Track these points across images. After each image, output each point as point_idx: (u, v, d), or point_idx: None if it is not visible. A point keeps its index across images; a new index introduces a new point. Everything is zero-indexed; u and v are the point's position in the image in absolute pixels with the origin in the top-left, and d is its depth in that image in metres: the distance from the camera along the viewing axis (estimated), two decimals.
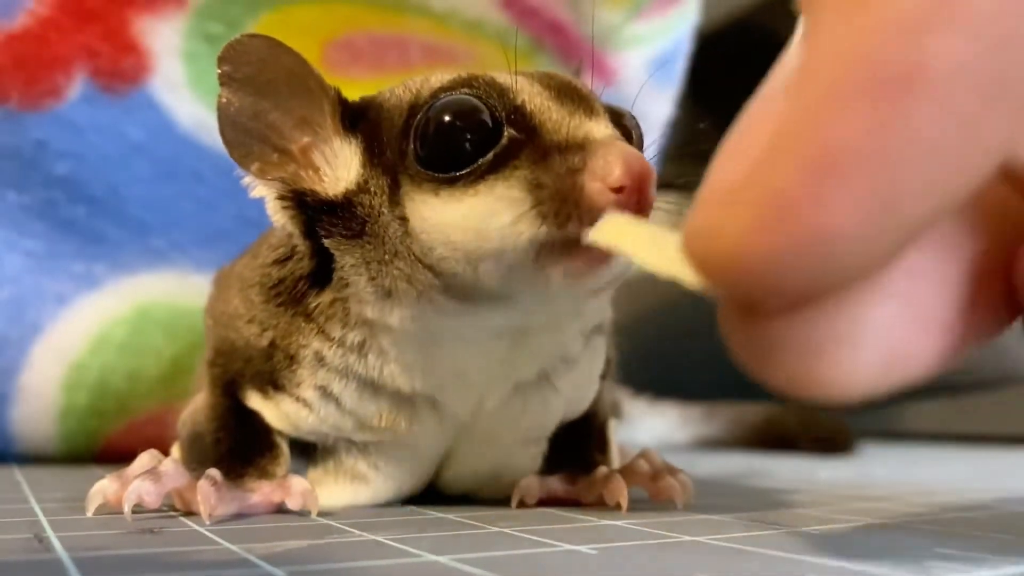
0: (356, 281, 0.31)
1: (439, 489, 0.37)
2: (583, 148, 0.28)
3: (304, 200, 0.32)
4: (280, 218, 0.33)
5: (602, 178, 0.27)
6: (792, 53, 0.20)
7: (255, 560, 0.23)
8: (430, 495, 0.37)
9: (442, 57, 0.56)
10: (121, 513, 0.29)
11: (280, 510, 0.32)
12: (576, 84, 0.31)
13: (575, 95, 0.30)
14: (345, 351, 0.32)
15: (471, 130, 0.29)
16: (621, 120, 0.32)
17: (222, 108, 0.31)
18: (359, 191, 0.31)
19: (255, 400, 0.35)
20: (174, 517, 0.31)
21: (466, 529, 0.29)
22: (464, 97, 0.30)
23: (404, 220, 0.30)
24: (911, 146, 0.16)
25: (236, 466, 0.33)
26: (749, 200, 0.18)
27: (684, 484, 0.34)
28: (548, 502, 0.35)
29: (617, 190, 0.26)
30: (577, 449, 0.37)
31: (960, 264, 0.20)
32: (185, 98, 0.54)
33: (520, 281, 0.29)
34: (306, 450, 0.35)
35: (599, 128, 0.29)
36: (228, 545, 0.25)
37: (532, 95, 0.30)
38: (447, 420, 0.34)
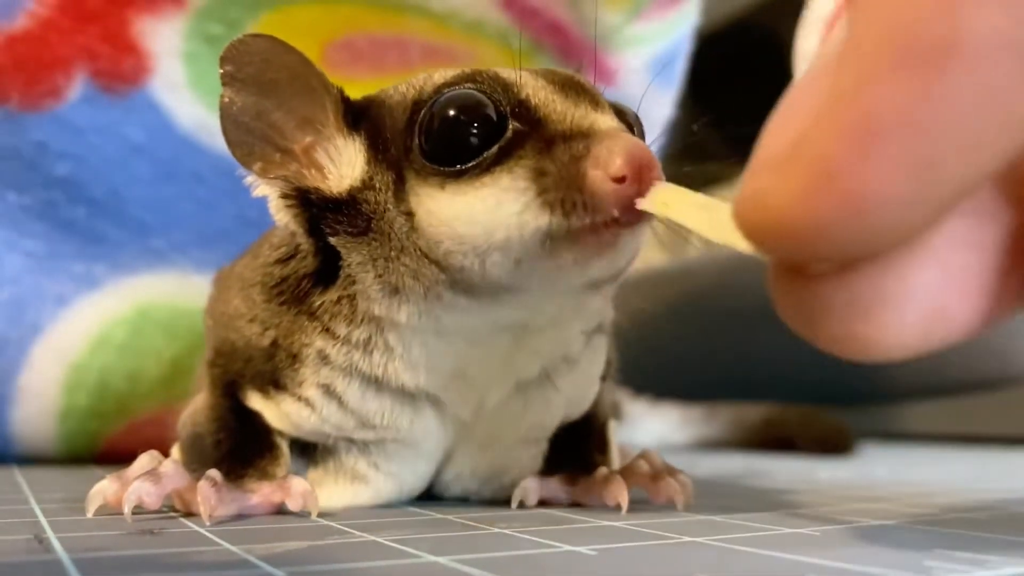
0: (363, 278, 0.31)
1: (439, 490, 0.37)
2: (587, 137, 0.28)
3: (308, 198, 0.32)
4: (283, 217, 0.33)
5: (605, 166, 0.27)
6: (837, 30, 0.20)
7: (255, 561, 0.23)
8: (430, 496, 0.37)
9: (442, 57, 0.56)
10: (121, 514, 0.29)
11: (280, 511, 0.32)
12: (579, 79, 0.32)
13: (579, 89, 0.31)
14: (350, 349, 0.32)
15: (476, 124, 0.29)
16: (623, 117, 0.32)
17: (224, 108, 0.31)
18: (364, 188, 0.31)
19: (256, 400, 0.35)
20: (174, 518, 0.31)
21: (466, 530, 0.29)
22: (468, 91, 0.30)
23: (410, 215, 0.30)
24: (949, 114, 0.17)
25: (236, 467, 0.33)
26: (796, 167, 0.19)
27: (684, 485, 0.34)
28: (548, 503, 0.35)
29: (620, 179, 0.26)
30: (577, 450, 0.37)
31: (999, 231, 0.21)
32: (185, 99, 0.54)
33: (527, 272, 0.29)
34: (306, 451, 0.35)
35: (603, 119, 0.29)
36: (228, 546, 0.25)
37: (536, 89, 0.30)
38: (448, 419, 0.34)
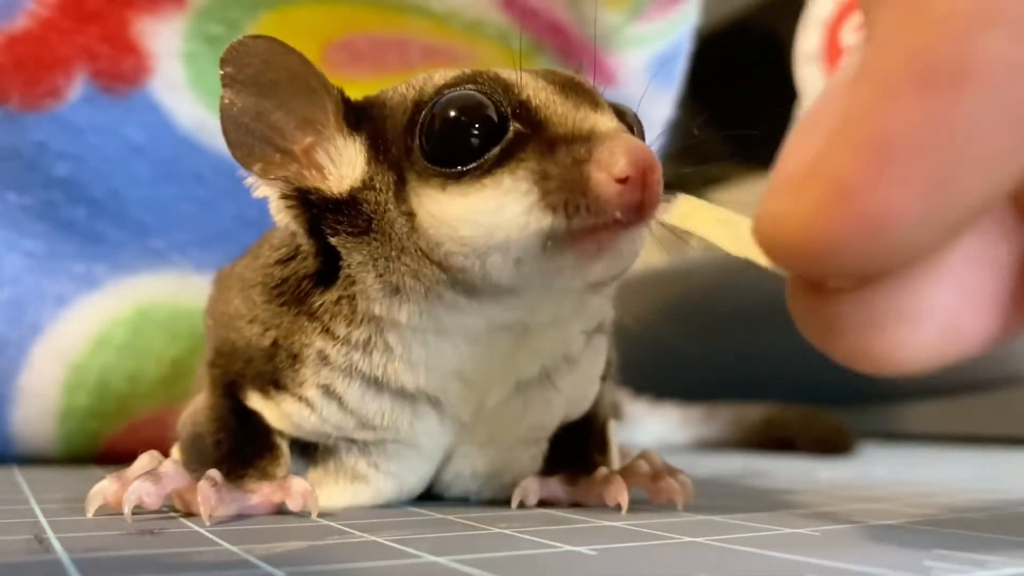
0: (364, 278, 0.31)
1: (439, 490, 0.37)
2: (588, 139, 0.28)
3: (308, 199, 0.32)
4: (283, 217, 0.33)
5: (608, 168, 0.27)
6: (854, 52, 0.21)
7: (255, 561, 0.23)
8: (430, 496, 0.37)
9: (442, 58, 0.56)
10: (121, 514, 0.29)
11: (280, 511, 0.32)
12: (580, 80, 0.32)
13: (579, 90, 0.31)
14: (350, 349, 0.32)
15: (477, 125, 0.29)
16: (623, 117, 0.32)
17: (225, 109, 0.31)
18: (364, 188, 0.31)
19: (256, 400, 0.35)
20: (174, 518, 0.31)
21: (466, 530, 0.29)
22: (469, 92, 0.30)
23: (411, 216, 0.30)
24: (962, 135, 0.18)
25: (236, 467, 0.33)
26: (812, 187, 0.19)
27: (684, 485, 0.34)
28: (548, 503, 0.35)
29: (622, 180, 0.27)
30: (577, 450, 0.37)
31: (1014, 249, 0.21)
32: (185, 99, 0.54)
33: (528, 273, 0.29)
34: (306, 451, 0.35)
35: (604, 120, 0.29)
36: (228, 546, 0.25)
37: (537, 90, 0.30)
38: (448, 420, 0.34)
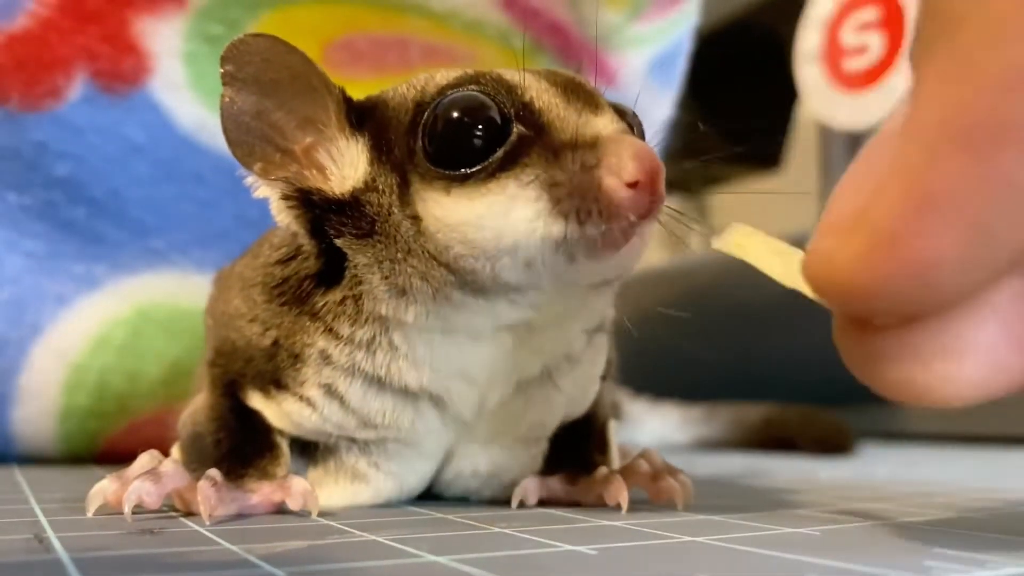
0: (370, 279, 0.31)
1: (439, 490, 0.37)
2: (595, 145, 0.28)
3: (310, 199, 0.32)
4: (284, 218, 0.33)
5: (618, 173, 0.27)
6: (902, 105, 0.22)
7: (255, 560, 0.23)
8: (430, 495, 0.37)
9: (442, 58, 0.56)
10: (121, 514, 0.29)
11: (280, 510, 0.32)
12: (581, 80, 0.32)
13: (581, 91, 0.31)
14: (353, 348, 0.32)
15: (480, 127, 0.29)
16: (623, 117, 0.32)
17: (225, 108, 0.31)
18: (367, 189, 0.31)
19: (256, 400, 0.35)
20: (174, 518, 0.31)
21: (466, 529, 0.29)
22: (472, 94, 0.30)
23: (416, 219, 0.30)
24: (1002, 189, 0.19)
25: (236, 467, 0.33)
26: (860, 232, 0.21)
27: (684, 484, 0.34)
28: (548, 502, 0.35)
29: (632, 184, 0.27)
30: (577, 450, 0.37)
31: None
32: (185, 99, 0.54)
33: (539, 274, 0.29)
34: (306, 450, 0.35)
35: (607, 123, 0.29)
36: (228, 546, 0.25)
37: (540, 92, 0.30)
38: (449, 418, 0.34)
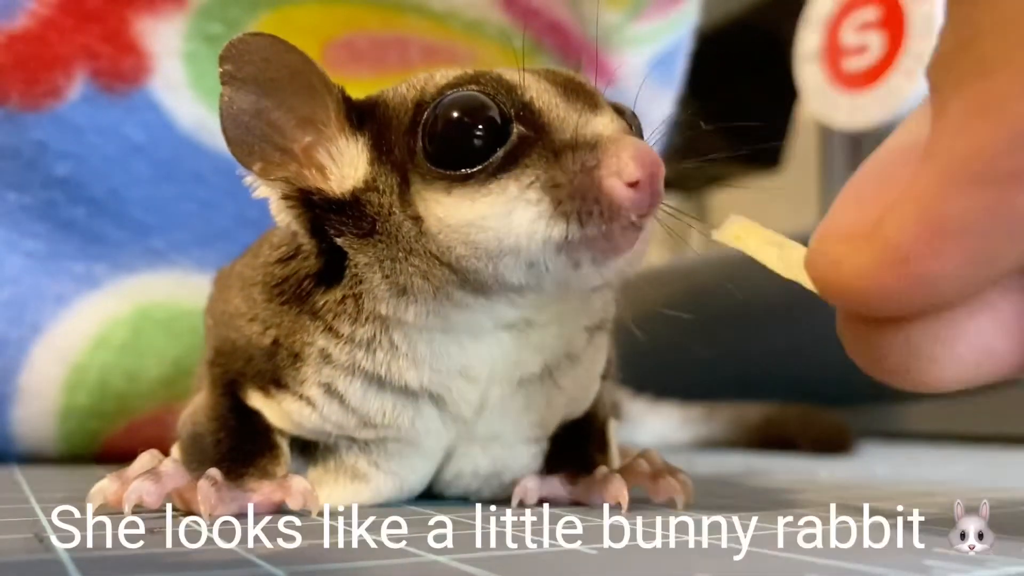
0: (370, 278, 0.31)
1: (439, 489, 0.37)
2: (595, 145, 0.28)
3: (310, 199, 0.32)
4: (284, 217, 0.33)
5: (619, 173, 0.27)
6: (919, 118, 0.24)
7: (255, 560, 0.23)
8: (430, 495, 0.37)
9: (442, 57, 0.56)
10: (121, 513, 0.29)
11: (281, 510, 0.32)
12: (581, 80, 0.32)
13: (581, 90, 0.31)
14: (353, 347, 0.32)
15: (480, 127, 0.29)
16: (622, 116, 0.32)
17: (224, 107, 0.31)
18: (367, 189, 0.31)
19: (256, 399, 0.35)
20: (174, 517, 0.31)
21: (466, 529, 0.29)
22: (472, 94, 0.30)
23: (417, 219, 0.30)
24: (1011, 224, 0.21)
25: (236, 466, 0.33)
26: (872, 245, 0.23)
27: (684, 484, 0.34)
28: (548, 502, 0.35)
29: (632, 184, 0.27)
30: (577, 449, 0.37)
31: None
32: (185, 99, 0.54)
33: (541, 274, 0.29)
34: (306, 449, 0.35)
35: (607, 123, 0.29)
36: (228, 545, 0.25)
37: (540, 92, 0.30)
38: (450, 417, 0.34)
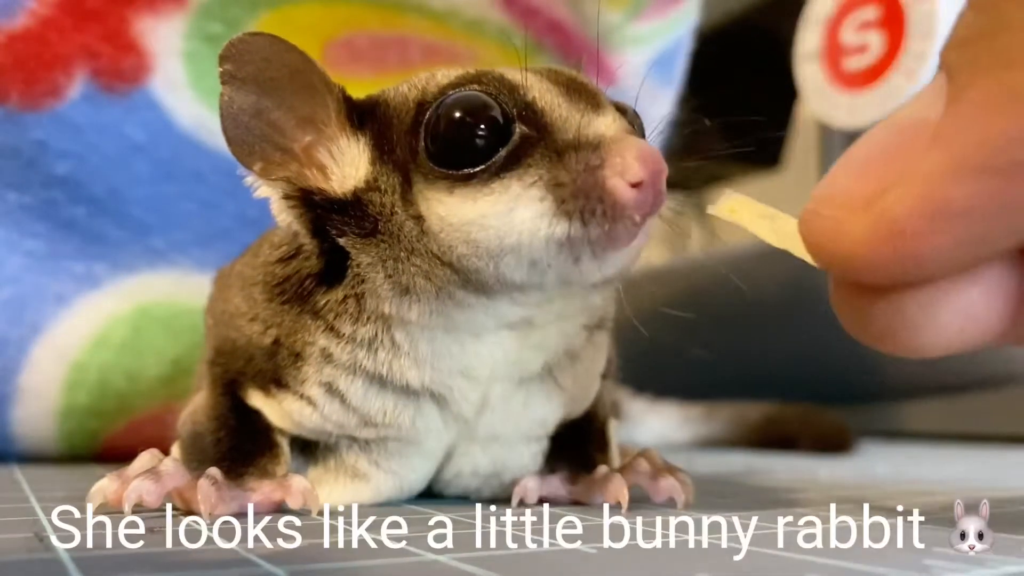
0: (373, 278, 0.31)
1: (439, 488, 0.37)
2: (598, 145, 0.28)
3: (311, 199, 0.32)
4: (285, 217, 0.33)
5: (622, 173, 0.27)
6: (928, 96, 0.24)
7: (255, 559, 0.23)
8: (430, 494, 0.37)
9: (442, 57, 0.56)
10: (121, 512, 0.29)
11: (281, 509, 0.32)
12: (583, 79, 0.32)
13: (583, 90, 0.31)
14: (354, 347, 0.32)
15: (482, 126, 0.29)
16: (624, 115, 0.32)
17: (224, 107, 0.31)
18: (369, 189, 0.31)
19: (256, 399, 0.35)
20: (174, 516, 0.31)
21: (466, 528, 0.29)
22: (474, 93, 0.30)
23: (419, 219, 0.30)
24: (1010, 211, 0.22)
25: (236, 465, 0.33)
26: (870, 216, 0.23)
27: (684, 483, 0.34)
28: (548, 501, 0.35)
29: (635, 184, 0.27)
30: (577, 448, 0.37)
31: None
32: (185, 98, 0.54)
33: (543, 272, 0.29)
34: (307, 449, 0.35)
35: (610, 123, 0.30)
36: (228, 544, 0.25)
37: (542, 91, 0.30)
38: (450, 416, 0.34)
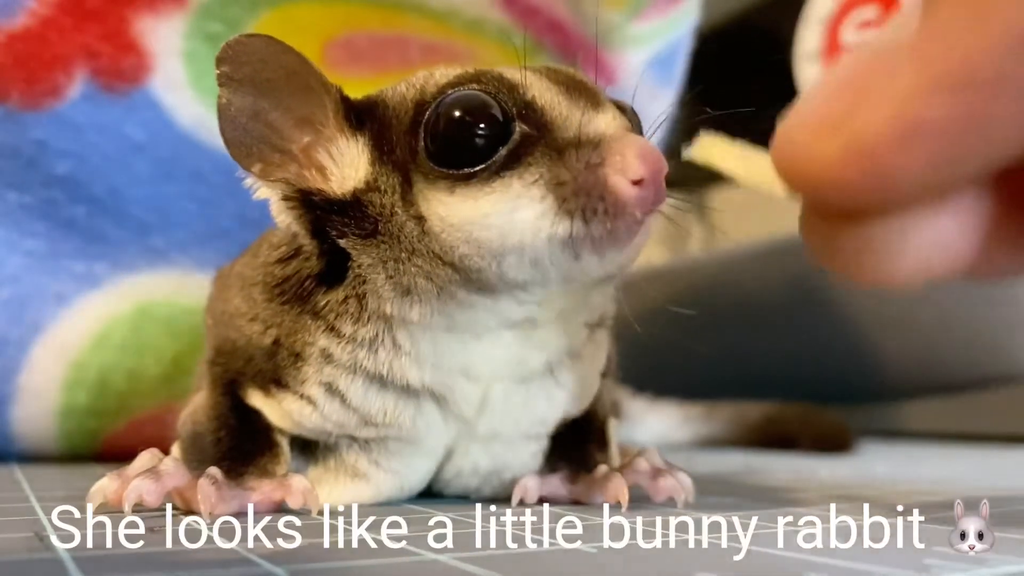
0: (374, 279, 0.31)
1: (439, 488, 0.37)
2: (598, 143, 0.28)
3: (311, 200, 0.32)
4: (285, 218, 0.33)
5: (623, 171, 0.27)
6: (904, 22, 0.23)
7: (255, 559, 0.23)
8: (430, 494, 0.37)
9: (442, 56, 0.56)
10: (121, 512, 0.29)
11: (281, 509, 0.32)
12: (582, 78, 0.32)
13: (582, 88, 0.31)
14: (355, 347, 0.32)
15: (482, 125, 0.29)
16: (623, 113, 0.32)
17: (222, 108, 0.31)
18: (368, 189, 0.31)
19: (256, 399, 0.35)
20: (174, 516, 0.31)
21: (466, 528, 0.29)
22: (474, 92, 0.30)
23: (420, 219, 0.30)
24: (983, 132, 0.21)
25: (236, 465, 0.33)
26: (840, 136, 0.22)
27: (684, 483, 0.34)
28: (548, 500, 0.35)
29: (636, 182, 0.27)
30: (577, 448, 0.37)
31: (995, 186, 0.24)
32: (185, 98, 0.54)
33: (545, 271, 0.29)
34: (307, 448, 0.35)
35: (610, 121, 0.30)
36: (228, 544, 0.25)
37: (541, 90, 0.30)
38: (451, 416, 0.34)
